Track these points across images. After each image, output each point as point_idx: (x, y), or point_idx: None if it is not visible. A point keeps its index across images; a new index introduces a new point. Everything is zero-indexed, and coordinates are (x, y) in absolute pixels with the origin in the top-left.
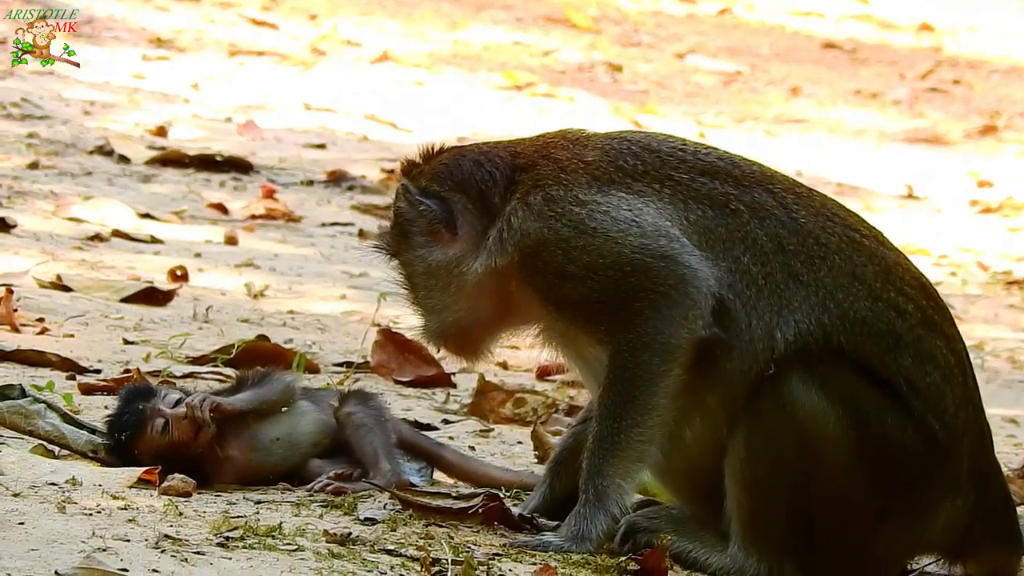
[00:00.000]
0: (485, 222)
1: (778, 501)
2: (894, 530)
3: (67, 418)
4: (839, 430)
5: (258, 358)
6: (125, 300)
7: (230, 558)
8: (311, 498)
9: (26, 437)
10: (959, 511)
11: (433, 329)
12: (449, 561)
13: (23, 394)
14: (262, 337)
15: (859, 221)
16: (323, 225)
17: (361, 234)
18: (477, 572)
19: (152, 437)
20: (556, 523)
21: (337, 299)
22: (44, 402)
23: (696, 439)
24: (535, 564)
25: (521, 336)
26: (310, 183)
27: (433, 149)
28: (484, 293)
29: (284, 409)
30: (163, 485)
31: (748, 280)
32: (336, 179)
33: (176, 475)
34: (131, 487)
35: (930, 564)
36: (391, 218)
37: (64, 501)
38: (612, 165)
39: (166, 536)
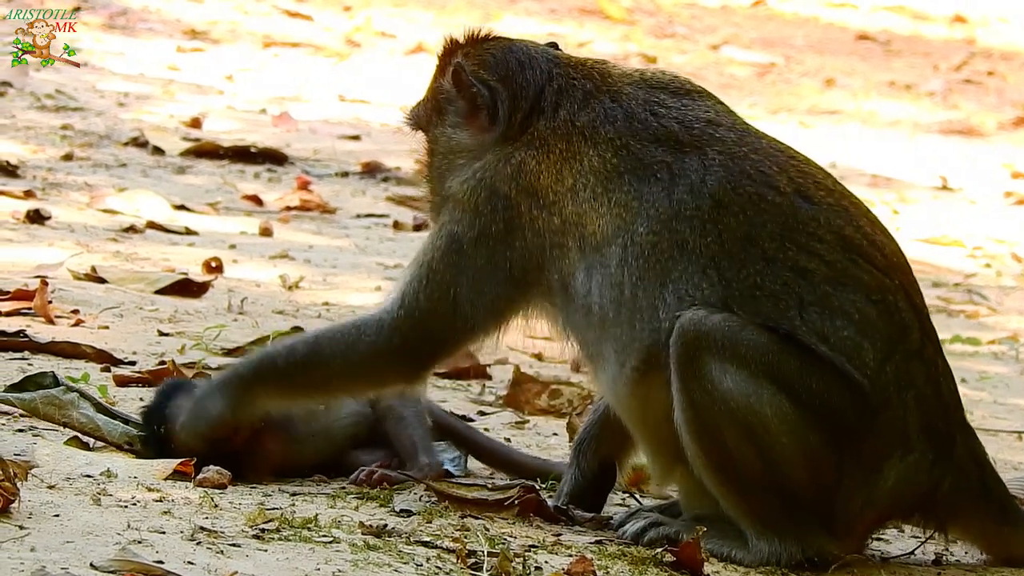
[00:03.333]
0: (500, 131)
1: (759, 490)
2: (847, 487)
3: (101, 408)
4: (774, 406)
5: None
6: (160, 292)
7: (266, 550)
8: (346, 490)
9: (61, 429)
10: (912, 468)
11: (432, 203)
12: (485, 553)
13: (56, 382)
14: (297, 329)
15: (786, 179)
16: (358, 216)
17: (396, 225)
18: (513, 564)
19: None
20: (592, 514)
21: (372, 290)
22: (77, 391)
23: (649, 402)
24: (571, 556)
25: None
26: (345, 174)
27: (479, 34)
28: None
29: (323, 407)
30: (198, 477)
31: (637, 252)
32: (371, 170)
33: (211, 467)
34: (166, 479)
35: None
36: (428, 92)
37: (99, 493)
38: (591, 130)
39: (202, 528)
